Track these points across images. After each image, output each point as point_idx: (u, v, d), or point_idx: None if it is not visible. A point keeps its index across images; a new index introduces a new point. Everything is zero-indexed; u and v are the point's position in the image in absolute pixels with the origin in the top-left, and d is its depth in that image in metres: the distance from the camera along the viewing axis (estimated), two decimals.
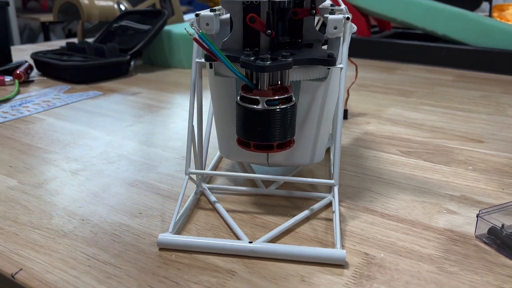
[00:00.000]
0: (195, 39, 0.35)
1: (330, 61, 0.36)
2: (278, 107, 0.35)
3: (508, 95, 0.74)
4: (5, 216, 0.37)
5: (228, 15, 0.41)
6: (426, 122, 0.61)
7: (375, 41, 1.04)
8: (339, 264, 0.31)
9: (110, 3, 0.98)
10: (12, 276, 0.30)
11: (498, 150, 0.52)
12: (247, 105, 0.35)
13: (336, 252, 0.31)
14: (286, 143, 0.36)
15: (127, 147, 0.51)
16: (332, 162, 0.42)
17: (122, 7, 1.00)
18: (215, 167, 0.47)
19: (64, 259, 0.32)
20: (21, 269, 0.31)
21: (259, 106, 0.35)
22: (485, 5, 1.37)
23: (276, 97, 0.35)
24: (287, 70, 0.35)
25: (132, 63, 0.85)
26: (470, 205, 0.39)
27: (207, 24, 0.37)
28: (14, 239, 0.34)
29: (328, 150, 0.50)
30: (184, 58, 0.90)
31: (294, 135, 0.37)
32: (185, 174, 0.38)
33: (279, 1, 0.37)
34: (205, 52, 0.35)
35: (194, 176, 0.40)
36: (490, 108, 0.67)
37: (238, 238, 0.34)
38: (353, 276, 0.30)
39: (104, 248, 0.33)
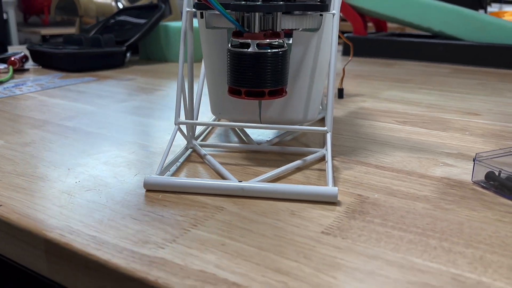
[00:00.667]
0: None
1: (322, 6, 0.36)
2: (269, 50, 0.34)
3: (505, 83, 0.74)
4: None
5: None
6: (423, 101, 0.60)
7: (372, 39, 1.04)
8: (331, 202, 0.30)
9: (108, 0, 0.99)
10: None
11: (494, 120, 0.51)
12: (238, 49, 0.34)
13: (328, 189, 0.30)
14: (278, 90, 0.36)
15: (119, 117, 0.51)
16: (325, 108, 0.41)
17: (120, 5, 1.01)
18: (207, 133, 0.46)
19: (46, 198, 0.31)
20: (1, 205, 0.29)
21: (250, 49, 0.34)
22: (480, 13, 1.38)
23: (267, 41, 0.34)
24: (279, 16, 0.35)
25: (128, 54, 0.85)
26: (467, 160, 0.38)
27: None
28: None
29: (322, 120, 0.49)
30: None
31: (286, 84, 0.37)
32: (175, 124, 0.37)
33: None
34: None
35: (184, 131, 0.39)
36: (487, 91, 0.67)
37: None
38: (345, 211, 0.29)
39: (88, 189, 0.32)
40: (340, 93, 0.61)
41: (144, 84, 0.69)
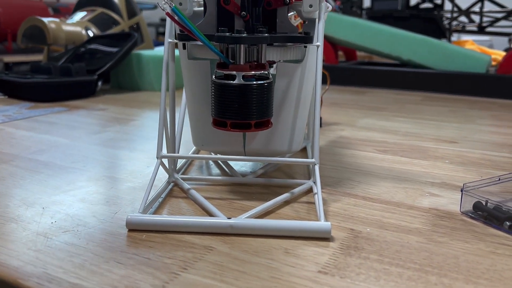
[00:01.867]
0: (167, 14, 0.34)
1: (307, 38, 0.35)
2: (255, 82, 0.34)
3: (474, 110, 0.76)
4: None
5: (199, 9, 0.41)
6: (400, 129, 0.61)
7: (343, 67, 1.06)
8: (324, 238, 0.29)
9: (78, 28, 0.97)
10: None
11: (472, 148, 0.52)
12: (224, 81, 0.34)
13: (321, 224, 0.29)
14: (264, 122, 0.35)
15: (94, 150, 0.49)
16: (311, 141, 0.40)
17: (91, 33, 0.99)
18: (187, 165, 0.44)
19: (20, 241, 0.28)
20: None
21: (236, 81, 0.33)
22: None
23: (253, 72, 0.34)
24: (263, 47, 0.35)
25: (99, 83, 0.83)
26: (452, 189, 0.38)
27: (180, 4, 0.36)
28: None
29: (304, 149, 0.49)
30: (155, 79, 0.89)
31: (272, 115, 0.36)
32: (157, 158, 0.35)
33: None
34: (179, 27, 0.34)
35: (166, 164, 0.38)
36: (460, 119, 0.68)
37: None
38: (340, 248, 0.28)
39: (66, 231, 0.30)
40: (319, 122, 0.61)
41: (117, 114, 0.67)
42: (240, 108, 0.33)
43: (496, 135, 0.58)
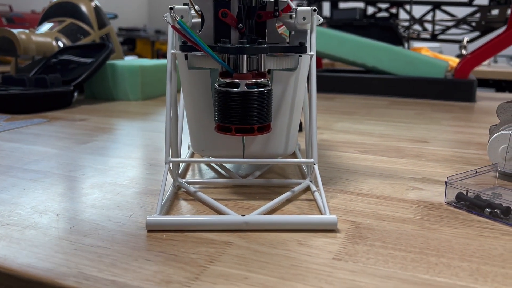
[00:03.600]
0: (173, 27, 0.36)
1: (301, 48, 0.38)
2: (257, 89, 0.36)
3: (438, 112, 0.82)
4: None
5: (196, 20, 0.43)
6: (374, 131, 0.65)
7: None
8: (330, 230, 0.32)
9: (48, 39, 0.96)
10: None
11: (443, 146, 0.56)
12: (228, 89, 0.36)
13: (328, 217, 0.32)
14: (265, 126, 0.38)
15: (88, 158, 0.50)
16: (307, 142, 0.43)
17: (61, 44, 0.98)
18: (185, 170, 0.46)
19: (45, 246, 0.29)
20: None
21: (240, 89, 0.36)
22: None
23: (254, 80, 0.36)
24: (263, 57, 0.37)
25: (75, 94, 0.83)
26: (433, 183, 0.42)
27: (182, 17, 0.38)
28: None
29: (293, 153, 0.52)
30: (129, 89, 0.90)
31: (272, 120, 0.39)
32: (165, 163, 0.37)
33: None
34: (183, 39, 0.36)
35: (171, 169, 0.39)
36: (426, 121, 0.73)
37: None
38: (347, 238, 0.31)
39: (87, 235, 0.31)
40: (300, 127, 0.64)
41: (100, 124, 0.68)
42: (244, 114, 0.36)
43: (461, 134, 0.63)
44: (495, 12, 1.28)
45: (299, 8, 0.39)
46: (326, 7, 1.88)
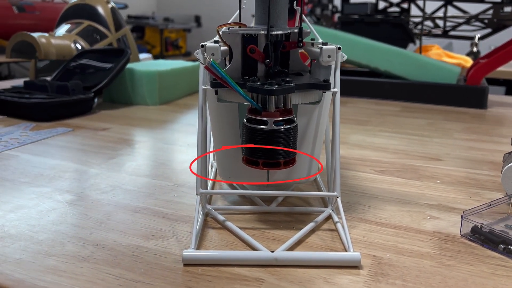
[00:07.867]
0: (206, 67, 0.38)
1: (326, 85, 0.40)
2: (283, 127, 0.38)
3: (450, 122, 0.83)
4: (13, 247, 0.36)
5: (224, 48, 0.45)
6: (389, 146, 0.67)
7: None
8: (354, 266, 0.34)
9: (67, 42, 0.98)
10: None
11: (456, 166, 0.58)
12: (256, 126, 0.38)
13: (352, 255, 0.34)
14: (290, 160, 0.40)
15: (116, 178, 0.52)
16: (329, 174, 0.45)
17: (79, 46, 1.00)
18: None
19: (92, 281, 0.32)
20: None
21: (268, 127, 0.38)
22: (410, 47, 1.51)
23: (281, 118, 0.38)
24: (290, 94, 0.39)
25: (95, 100, 0.85)
26: (448, 211, 0.44)
27: (213, 54, 0.40)
28: (31, 267, 0.34)
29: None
30: (147, 94, 0.92)
31: (296, 153, 0.41)
32: (197, 194, 0.39)
33: (276, 35, 0.42)
34: (214, 78, 0.38)
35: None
36: (438, 133, 0.75)
37: (256, 250, 0.36)
38: (369, 275, 0.33)
39: (128, 269, 0.34)
40: None
41: (122, 135, 0.70)
42: (272, 150, 0.38)
43: (474, 151, 0.65)
44: (507, 9, 1.28)
45: (324, 47, 0.41)
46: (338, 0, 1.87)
